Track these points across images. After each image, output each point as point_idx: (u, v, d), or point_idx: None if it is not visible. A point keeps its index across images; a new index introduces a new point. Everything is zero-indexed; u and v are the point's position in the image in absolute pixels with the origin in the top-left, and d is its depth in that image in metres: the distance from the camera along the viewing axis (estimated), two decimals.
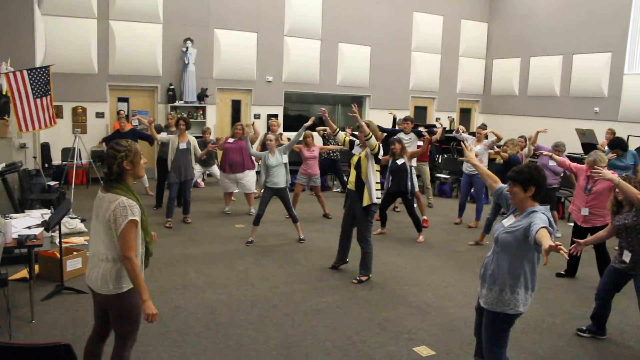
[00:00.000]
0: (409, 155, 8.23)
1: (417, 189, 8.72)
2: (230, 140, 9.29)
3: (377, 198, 6.19)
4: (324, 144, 11.04)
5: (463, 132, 9.22)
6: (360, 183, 6.12)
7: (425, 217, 8.92)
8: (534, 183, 3.34)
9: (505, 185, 3.61)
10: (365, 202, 6.09)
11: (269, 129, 10.74)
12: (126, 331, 3.33)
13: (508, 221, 3.47)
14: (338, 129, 6.65)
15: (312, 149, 9.30)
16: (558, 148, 7.87)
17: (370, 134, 6.01)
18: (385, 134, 10.23)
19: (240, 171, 9.28)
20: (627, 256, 4.68)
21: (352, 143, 6.41)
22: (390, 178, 8.03)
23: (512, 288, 3.37)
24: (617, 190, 4.73)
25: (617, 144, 8.20)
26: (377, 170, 6.18)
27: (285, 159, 7.69)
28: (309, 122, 7.98)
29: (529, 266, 3.36)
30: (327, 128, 11.35)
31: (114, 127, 11.51)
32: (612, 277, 4.87)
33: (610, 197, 4.99)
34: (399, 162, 7.97)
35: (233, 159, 9.19)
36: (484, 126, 9.34)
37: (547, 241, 2.91)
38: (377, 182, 6.17)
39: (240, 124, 9.48)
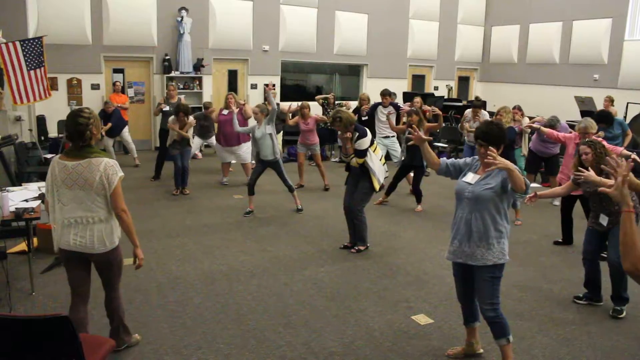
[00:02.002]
0: (426, 128, 7.72)
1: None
2: (225, 112, 9.22)
3: (385, 172, 6.21)
4: (323, 113, 11.03)
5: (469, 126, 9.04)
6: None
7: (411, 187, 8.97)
8: (503, 140, 3.62)
9: (446, 159, 3.87)
10: (377, 187, 6.09)
11: (265, 99, 10.66)
12: (116, 277, 3.72)
13: (473, 178, 3.64)
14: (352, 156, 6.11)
15: (307, 122, 9.27)
16: (553, 128, 7.91)
17: (352, 156, 5.99)
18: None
19: (236, 144, 9.24)
20: (604, 219, 4.75)
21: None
22: (406, 151, 8.01)
23: (497, 240, 3.58)
24: (585, 155, 4.76)
25: (602, 119, 8.11)
26: (374, 151, 6.06)
27: (269, 129, 7.49)
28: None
29: (505, 216, 3.62)
30: (328, 96, 11.45)
31: (111, 99, 11.40)
32: (593, 237, 4.94)
33: (574, 161, 4.99)
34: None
35: (228, 131, 9.08)
36: (478, 101, 9.26)
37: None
38: (380, 159, 6.11)
39: (232, 94, 9.40)
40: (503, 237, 3.60)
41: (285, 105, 10.58)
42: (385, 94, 9.55)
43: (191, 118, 8.58)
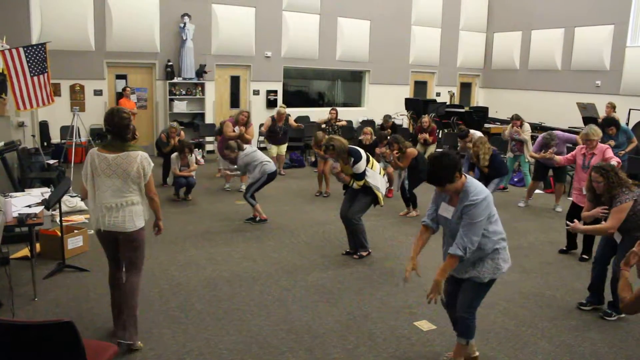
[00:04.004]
0: (408, 156, 7.96)
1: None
2: (236, 128, 9.26)
3: (386, 183, 6.37)
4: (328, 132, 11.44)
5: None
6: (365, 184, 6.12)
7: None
8: (457, 169, 3.43)
9: (427, 221, 3.75)
10: (381, 202, 6.20)
11: (274, 118, 10.65)
12: (139, 258, 4.10)
13: (448, 211, 3.56)
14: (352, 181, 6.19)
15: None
16: (549, 145, 8.08)
17: (352, 181, 6.07)
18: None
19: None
20: (618, 237, 4.70)
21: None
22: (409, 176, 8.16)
23: (492, 257, 3.54)
24: (597, 183, 4.64)
25: (611, 122, 8.13)
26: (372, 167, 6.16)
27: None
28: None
29: (495, 232, 3.50)
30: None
31: (120, 104, 11.43)
32: (606, 244, 4.91)
33: (586, 184, 4.91)
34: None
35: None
36: (462, 131, 9.40)
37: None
38: (379, 172, 6.19)
39: (247, 112, 9.43)
40: (498, 252, 3.54)
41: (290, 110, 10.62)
42: (383, 138, 9.64)
43: (194, 165, 8.83)
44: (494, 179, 7.82)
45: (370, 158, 6.17)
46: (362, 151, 6.09)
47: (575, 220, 4.95)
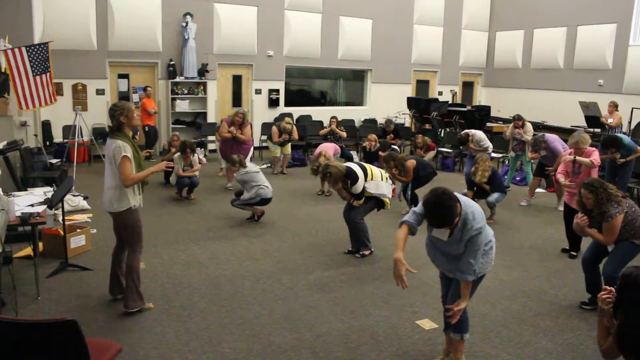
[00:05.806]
0: (408, 168, 7.86)
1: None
2: (232, 128, 9.25)
3: (391, 185, 6.40)
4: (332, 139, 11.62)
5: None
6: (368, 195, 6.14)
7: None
8: (457, 203, 3.35)
9: (410, 222, 3.54)
10: (388, 206, 6.26)
11: (280, 132, 10.70)
12: (133, 240, 4.52)
13: (442, 234, 3.48)
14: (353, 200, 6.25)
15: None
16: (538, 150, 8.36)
17: (353, 199, 6.13)
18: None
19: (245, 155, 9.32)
20: (610, 245, 4.74)
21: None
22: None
23: (486, 253, 3.58)
24: (586, 199, 4.66)
25: (611, 144, 7.80)
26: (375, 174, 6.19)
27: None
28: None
29: (485, 237, 3.51)
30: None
31: (144, 105, 11.44)
32: (597, 246, 4.94)
33: (577, 198, 4.91)
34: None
35: (226, 151, 9.19)
36: (464, 137, 9.42)
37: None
38: (381, 179, 6.21)
39: (242, 113, 9.41)
40: (492, 248, 3.63)
41: (291, 109, 10.64)
42: (387, 147, 9.69)
43: (197, 165, 8.83)
44: (493, 193, 7.69)
45: (369, 170, 6.15)
46: (359, 170, 6.06)
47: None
